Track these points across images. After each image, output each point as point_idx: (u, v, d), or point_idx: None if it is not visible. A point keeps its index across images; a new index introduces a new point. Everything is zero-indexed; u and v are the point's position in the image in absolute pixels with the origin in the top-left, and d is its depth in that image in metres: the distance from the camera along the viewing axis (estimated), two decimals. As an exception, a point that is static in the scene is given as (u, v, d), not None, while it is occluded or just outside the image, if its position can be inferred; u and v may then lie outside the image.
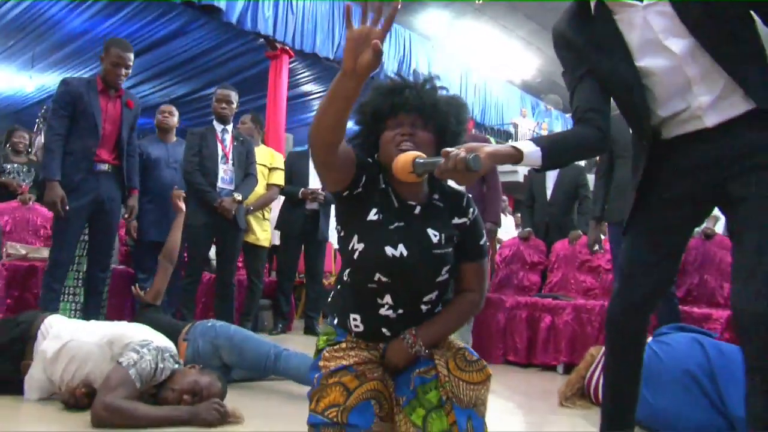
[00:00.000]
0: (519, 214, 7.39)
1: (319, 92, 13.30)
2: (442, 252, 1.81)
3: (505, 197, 9.72)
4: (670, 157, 1.89)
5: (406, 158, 1.67)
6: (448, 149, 1.60)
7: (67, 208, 3.77)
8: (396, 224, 1.79)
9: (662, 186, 1.91)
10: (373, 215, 1.79)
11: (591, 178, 5.28)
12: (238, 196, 4.57)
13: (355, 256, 1.78)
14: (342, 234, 1.86)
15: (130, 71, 4.06)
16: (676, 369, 2.62)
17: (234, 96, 4.83)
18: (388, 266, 1.75)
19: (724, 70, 1.74)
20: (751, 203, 1.69)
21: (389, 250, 1.75)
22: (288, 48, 9.92)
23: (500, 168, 1.72)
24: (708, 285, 4.38)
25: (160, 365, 2.44)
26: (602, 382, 2.12)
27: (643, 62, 1.83)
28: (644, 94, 1.85)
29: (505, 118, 15.75)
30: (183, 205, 3.97)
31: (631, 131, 2.06)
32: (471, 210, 1.91)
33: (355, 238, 1.79)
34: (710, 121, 1.78)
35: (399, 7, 1.45)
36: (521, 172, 13.24)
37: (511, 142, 1.86)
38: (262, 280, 5.50)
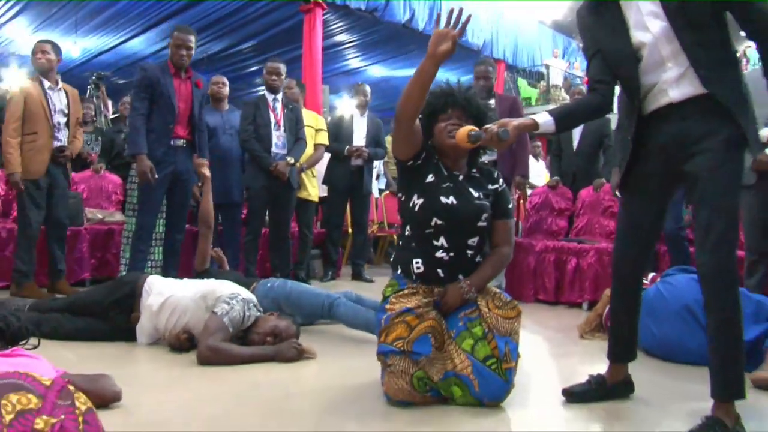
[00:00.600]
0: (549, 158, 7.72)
1: (352, 41, 13.47)
2: (480, 202, 2.44)
3: (538, 142, 10.01)
4: (646, 135, 2.30)
5: (464, 130, 2.30)
6: (487, 125, 2.29)
7: (156, 176, 4.30)
8: (447, 184, 2.44)
9: (641, 161, 2.33)
10: (429, 178, 2.45)
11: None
12: (291, 160, 5.08)
13: (416, 209, 2.42)
14: (403, 198, 2.50)
15: (193, 52, 4.51)
16: (676, 305, 3.07)
17: (282, 68, 5.26)
18: (442, 211, 2.39)
19: (685, 54, 2.15)
20: (702, 183, 2.10)
21: (443, 199, 2.39)
22: (321, 1, 10.14)
23: (532, 112, 2.18)
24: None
25: (247, 313, 2.97)
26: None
27: (635, 38, 2.25)
28: (637, 67, 2.26)
29: (536, 60, 15.74)
30: (208, 173, 4.34)
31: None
32: (501, 181, 2.57)
33: (415, 196, 2.44)
34: (673, 94, 2.18)
35: (470, 17, 2.15)
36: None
37: (538, 114, 2.35)
38: (312, 231, 6.01)
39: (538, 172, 8.99)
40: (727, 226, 2.04)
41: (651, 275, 3.75)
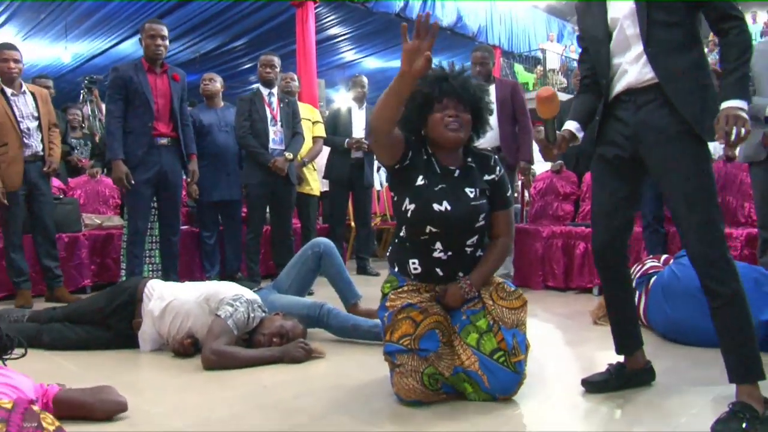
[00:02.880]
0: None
1: (346, 34, 13.43)
2: (477, 204, 2.29)
3: (541, 127, 9.88)
4: (610, 120, 2.27)
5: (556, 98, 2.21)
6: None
7: (133, 182, 4.20)
8: (440, 186, 2.27)
9: (608, 145, 2.28)
10: (420, 181, 2.27)
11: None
12: (290, 155, 4.97)
13: (409, 215, 2.26)
14: (396, 199, 2.34)
15: (168, 43, 4.40)
16: (690, 286, 2.96)
17: (277, 61, 5.15)
18: (436, 219, 2.23)
19: (641, 37, 2.13)
20: (667, 176, 2.11)
21: (436, 207, 2.23)
22: (312, -5, 10.06)
23: (531, 97, 2.12)
24: (730, 205, 4.63)
25: (252, 315, 2.88)
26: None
27: (610, 18, 2.23)
28: (608, 48, 2.24)
29: (532, 44, 15.67)
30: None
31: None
32: (498, 168, 2.41)
33: (407, 200, 2.27)
34: (632, 75, 2.17)
35: (439, 25, 1.93)
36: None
37: (566, 126, 2.35)
38: (315, 227, 5.93)
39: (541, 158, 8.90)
40: (703, 211, 2.04)
41: (663, 257, 3.67)
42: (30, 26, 11.79)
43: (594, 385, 2.35)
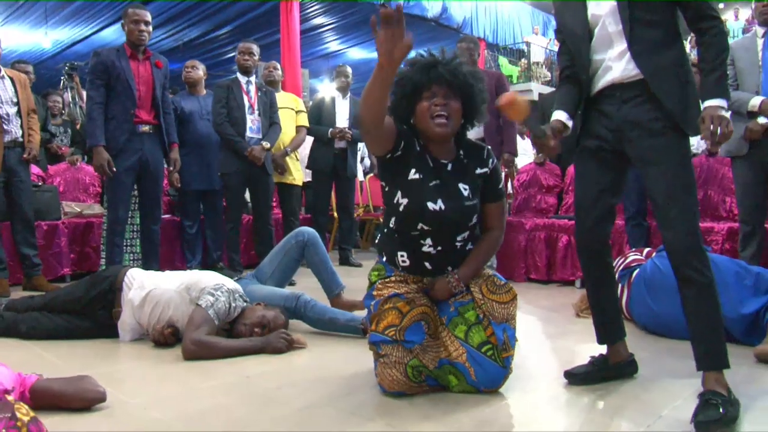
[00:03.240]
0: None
1: (330, 24, 13.37)
2: (471, 204, 2.25)
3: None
4: (594, 114, 2.28)
5: (523, 104, 2.15)
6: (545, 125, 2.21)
7: (114, 169, 4.15)
8: (434, 182, 2.23)
9: (592, 138, 2.29)
10: (413, 174, 2.22)
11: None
12: (267, 144, 4.92)
13: (401, 209, 2.22)
14: (386, 189, 2.29)
15: (151, 29, 4.32)
16: (673, 279, 2.97)
17: (255, 48, 5.09)
18: (429, 218, 2.19)
19: (624, 35, 2.15)
20: (649, 169, 2.13)
21: (430, 205, 2.19)
22: (297, -17, 10.01)
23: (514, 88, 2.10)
24: (711, 200, 4.67)
25: (233, 304, 2.86)
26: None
27: (590, 14, 2.24)
28: (589, 44, 2.26)
29: (517, 37, 15.69)
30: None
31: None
32: (491, 160, 2.36)
33: (399, 193, 2.22)
34: (617, 71, 2.19)
35: (402, 6, 1.85)
36: (535, 91, 13.35)
37: (555, 116, 2.34)
38: (298, 217, 5.88)
39: (525, 150, 8.92)
40: (681, 204, 2.08)
41: (646, 250, 3.68)
42: (9, 11, 11.61)
43: (576, 377, 2.35)
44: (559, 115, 2.33)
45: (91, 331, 3.03)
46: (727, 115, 2.02)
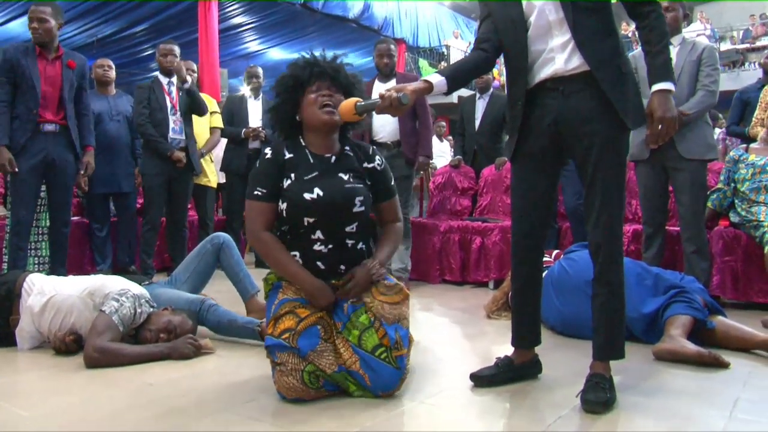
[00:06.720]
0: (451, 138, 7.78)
1: (250, 23, 13.19)
2: (352, 186, 2.30)
3: (443, 122, 10.08)
4: (535, 110, 2.29)
5: (348, 103, 2.17)
6: (383, 92, 2.11)
7: (17, 169, 3.99)
8: (310, 176, 2.28)
9: (531, 136, 2.32)
10: (286, 182, 2.29)
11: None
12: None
13: (284, 214, 2.27)
14: None
15: (49, 26, 4.07)
16: (579, 280, 3.07)
17: (176, 50, 5.01)
18: (310, 207, 2.24)
19: (567, 23, 2.16)
20: (589, 167, 2.18)
21: (307, 195, 2.24)
22: (215, -19, 9.84)
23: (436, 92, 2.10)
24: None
25: (138, 310, 2.78)
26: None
27: (525, 4, 2.24)
28: (525, 34, 2.25)
29: (437, 40, 15.89)
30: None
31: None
32: (377, 158, 2.44)
33: (280, 202, 2.28)
34: (560, 63, 2.19)
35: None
36: (455, 94, 13.51)
37: (429, 75, 2.31)
38: (213, 219, 5.81)
39: (442, 152, 9.05)
40: (615, 205, 2.16)
41: (555, 252, 3.79)
42: None
43: (482, 380, 2.39)
44: (431, 77, 2.26)
45: (-14, 340, 2.89)
46: (676, 112, 2.12)
